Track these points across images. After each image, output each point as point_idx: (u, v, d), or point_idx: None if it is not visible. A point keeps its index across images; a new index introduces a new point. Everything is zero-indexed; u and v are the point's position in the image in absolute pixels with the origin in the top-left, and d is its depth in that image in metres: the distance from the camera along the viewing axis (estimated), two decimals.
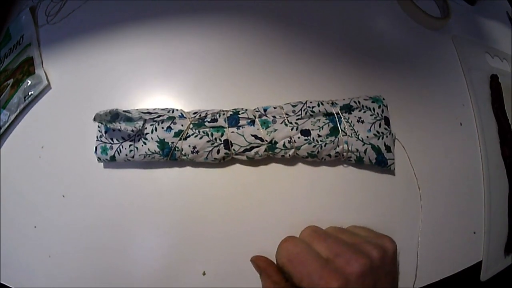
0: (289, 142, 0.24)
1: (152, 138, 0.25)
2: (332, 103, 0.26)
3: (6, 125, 0.31)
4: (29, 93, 0.31)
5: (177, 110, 0.25)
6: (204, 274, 0.25)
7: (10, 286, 0.27)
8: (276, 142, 0.24)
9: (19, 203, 0.29)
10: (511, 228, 0.32)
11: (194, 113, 0.25)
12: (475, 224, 0.30)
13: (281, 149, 0.24)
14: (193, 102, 0.27)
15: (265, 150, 0.24)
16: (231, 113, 0.25)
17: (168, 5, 0.31)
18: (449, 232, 0.29)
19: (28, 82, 0.31)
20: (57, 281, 0.26)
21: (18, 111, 0.31)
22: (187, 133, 0.24)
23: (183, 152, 0.24)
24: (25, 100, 0.31)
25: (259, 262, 0.23)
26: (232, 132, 0.24)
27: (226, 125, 0.24)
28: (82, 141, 0.28)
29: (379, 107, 0.26)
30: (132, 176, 0.27)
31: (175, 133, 0.24)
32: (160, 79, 0.29)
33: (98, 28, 0.32)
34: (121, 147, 0.25)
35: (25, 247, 0.28)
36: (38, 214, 0.28)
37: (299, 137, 0.24)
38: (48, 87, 0.31)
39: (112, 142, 0.26)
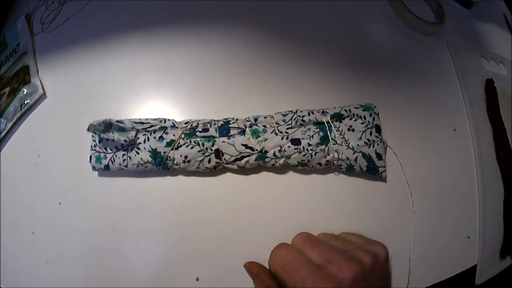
0: (279, 151, 0.25)
1: (144, 148, 0.25)
2: (323, 112, 0.26)
3: (3, 134, 0.32)
4: (25, 102, 0.32)
5: (169, 120, 0.26)
6: (197, 280, 0.25)
7: None
8: (266, 151, 0.25)
9: (16, 210, 0.30)
10: (506, 232, 0.33)
11: (186, 123, 0.26)
12: (470, 229, 0.30)
13: (272, 158, 0.25)
14: (186, 111, 0.28)
15: (256, 159, 0.25)
16: (222, 122, 0.25)
17: (163, 16, 0.32)
18: (442, 237, 0.29)
19: (24, 91, 0.32)
20: (54, 286, 0.27)
21: (14, 119, 0.32)
22: (179, 143, 0.25)
23: (175, 162, 0.25)
24: (21, 109, 0.32)
25: (252, 268, 0.23)
26: (223, 141, 0.25)
27: (217, 135, 0.25)
28: (78, 149, 0.29)
29: (370, 115, 0.27)
30: (126, 184, 0.27)
31: (167, 143, 0.25)
32: (154, 88, 0.29)
33: (93, 36, 0.32)
34: (114, 156, 0.26)
35: (23, 252, 0.28)
36: (35, 220, 0.29)
37: (289, 146, 0.25)
38: (43, 95, 0.32)
39: (106, 152, 0.26)
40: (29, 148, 0.31)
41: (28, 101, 0.32)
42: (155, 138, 0.25)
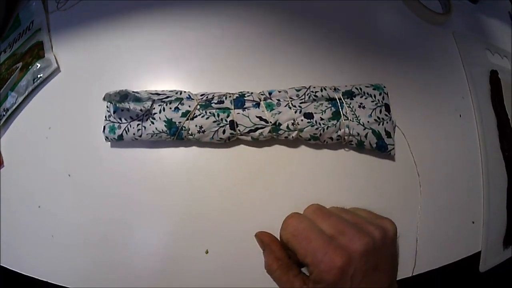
0: (293, 124, 0.26)
1: (160, 118, 0.26)
2: (335, 89, 0.28)
3: (14, 107, 0.33)
4: (38, 76, 0.33)
5: (184, 92, 0.27)
6: (207, 252, 0.26)
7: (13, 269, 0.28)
8: (280, 124, 0.26)
9: (24, 183, 0.30)
10: (509, 221, 0.34)
11: (202, 95, 0.27)
12: (474, 214, 0.31)
13: (285, 131, 0.26)
14: (200, 86, 0.29)
15: (269, 132, 0.26)
16: (237, 95, 0.27)
17: None
18: (448, 220, 0.30)
19: (37, 65, 0.33)
20: (59, 262, 0.27)
21: (26, 93, 0.33)
22: (194, 113, 0.26)
23: (189, 132, 0.26)
24: (33, 83, 0.33)
25: (263, 238, 0.24)
26: (238, 113, 0.26)
27: (232, 107, 0.26)
28: (90, 123, 0.30)
29: (380, 94, 0.28)
30: (138, 156, 0.28)
31: (182, 113, 0.26)
32: (168, 64, 0.31)
33: (107, 14, 0.34)
34: (129, 126, 0.27)
35: (28, 226, 0.29)
36: (43, 194, 0.30)
37: (302, 120, 0.26)
38: (57, 70, 0.33)
39: (120, 122, 0.27)
40: (41, 121, 0.32)
41: (41, 75, 0.33)
42: (170, 108, 0.26)
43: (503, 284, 0.33)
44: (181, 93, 0.27)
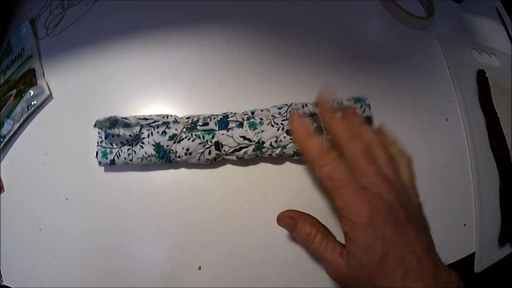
0: (276, 141, 0.27)
1: (148, 142, 0.28)
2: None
3: (10, 134, 0.35)
4: (32, 103, 0.34)
5: (171, 115, 0.28)
6: (200, 268, 0.28)
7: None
8: (263, 142, 0.27)
9: (24, 207, 0.32)
10: (503, 219, 0.34)
11: (187, 118, 0.28)
12: (466, 217, 0.32)
13: (268, 148, 0.27)
14: (187, 107, 0.31)
15: (253, 150, 0.27)
16: (221, 116, 0.28)
17: (163, 16, 0.35)
18: (439, 224, 0.31)
19: (30, 93, 0.35)
20: (61, 281, 0.29)
21: (21, 120, 0.35)
22: (181, 136, 0.27)
23: (177, 154, 0.27)
24: (28, 110, 0.35)
25: (289, 213, 0.25)
26: (222, 134, 0.27)
27: (217, 128, 0.27)
28: (84, 148, 0.31)
29: (361, 106, 0.29)
30: (131, 178, 0.30)
31: (169, 136, 0.27)
32: (156, 87, 0.32)
33: (96, 40, 0.35)
34: (120, 151, 0.28)
35: (30, 248, 0.31)
36: (43, 217, 0.31)
37: (284, 137, 0.27)
38: (50, 97, 0.34)
39: (111, 147, 0.29)
40: (37, 148, 0.33)
41: (35, 102, 0.34)
42: (158, 132, 0.28)
43: (501, 282, 0.34)
44: (167, 117, 0.28)
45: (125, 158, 0.28)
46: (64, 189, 0.31)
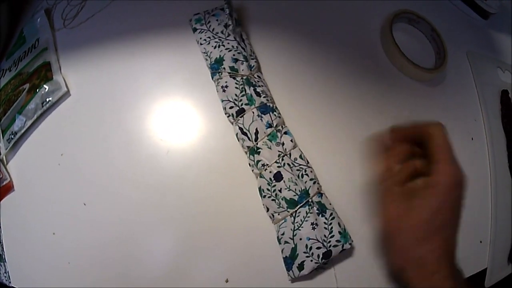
0: None
1: None
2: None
3: (22, 131, 0.33)
4: (47, 100, 0.33)
5: None
6: (227, 281, 0.27)
7: None
8: None
9: (36, 209, 0.31)
10: None
11: None
12: (482, 234, 0.33)
13: None
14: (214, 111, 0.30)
15: None
16: None
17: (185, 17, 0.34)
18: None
19: (45, 88, 0.33)
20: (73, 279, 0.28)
21: (35, 117, 0.33)
22: None
23: None
24: (42, 106, 0.33)
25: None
26: None
27: None
28: (104, 150, 0.30)
29: None
30: (152, 183, 0.29)
31: None
32: (181, 87, 0.31)
33: (120, 33, 0.33)
34: None
35: (41, 253, 0.30)
36: (57, 221, 0.30)
37: None
38: (67, 93, 0.33)
39: None
40: (52, 147, 0.32)
41: (50, 98, 0.33)
42: None
43: None
44: None
45: None
46: (81, 193, 0.30)
